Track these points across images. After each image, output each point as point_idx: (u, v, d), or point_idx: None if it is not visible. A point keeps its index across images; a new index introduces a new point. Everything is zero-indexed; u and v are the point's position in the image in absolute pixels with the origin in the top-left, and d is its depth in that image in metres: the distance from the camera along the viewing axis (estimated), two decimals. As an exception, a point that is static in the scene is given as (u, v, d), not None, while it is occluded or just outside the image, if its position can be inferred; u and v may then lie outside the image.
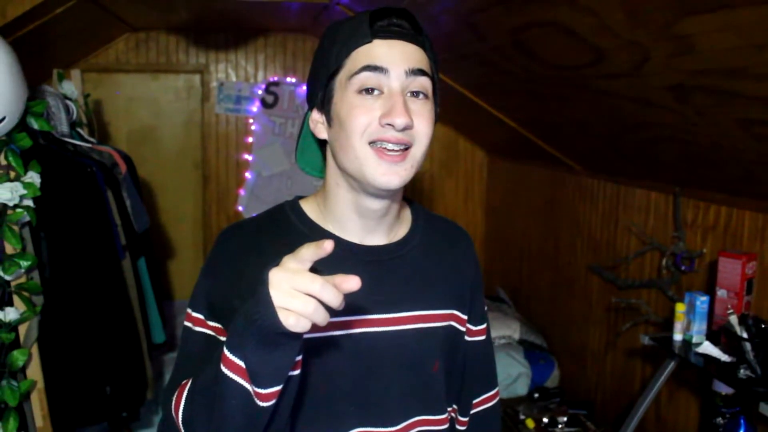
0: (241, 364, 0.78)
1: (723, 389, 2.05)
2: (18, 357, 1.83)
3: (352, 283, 0.75)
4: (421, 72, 0.94)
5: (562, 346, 3.61)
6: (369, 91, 0.93)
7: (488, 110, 3.41)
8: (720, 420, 2.07)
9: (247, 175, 4.50)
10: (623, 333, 2.86)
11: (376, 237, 1.04)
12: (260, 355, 0.77)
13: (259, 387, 0.78)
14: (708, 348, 2.00)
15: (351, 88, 0.93)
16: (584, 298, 3.33)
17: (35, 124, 2.04)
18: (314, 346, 0.96)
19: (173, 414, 0.91)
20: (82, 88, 2.90)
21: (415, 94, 0.95)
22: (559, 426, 2.94)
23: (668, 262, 2.54)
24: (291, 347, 0.78)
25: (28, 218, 1.89)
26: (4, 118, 1.81)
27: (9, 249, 1.86)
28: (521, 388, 3.46)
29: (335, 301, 0.74)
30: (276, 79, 4.45)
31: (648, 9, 1.53)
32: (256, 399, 0.80)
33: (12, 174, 1.88)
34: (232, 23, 4.08)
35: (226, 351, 0.79)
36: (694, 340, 2.11)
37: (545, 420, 2.97)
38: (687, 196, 2.50)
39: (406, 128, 0.92)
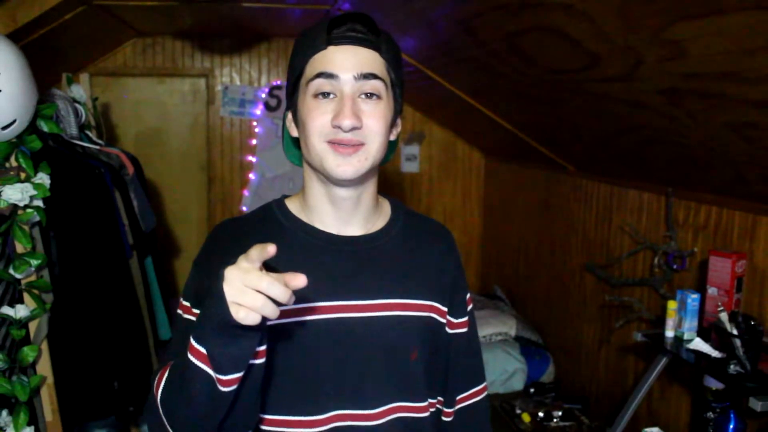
0: (204, 351, 0.83)
1: (713, 384, 2.05)
2: (28, 353, 1.83)
3: (299, 280, 0.79)
4: (372, 75, 0.99)
5: (557, 343, 3.61)
6: (324, 95, 0.99)
7: (486, 113, 3.40)
8: (711, 414, 2.07)
9: (251, 176, 4.50)
10: (617, 330, 2.86)
11: (353, 228, 1.08)
12: (220, 345, 0.82)
13: (219, 374, 0.83)
14: (699, 344, 2.00)
15: (308, 93, 1.00)
16: (579, 295, 3.33)
17: (45, 127, 2.03)
18: (292, 330, 1.00)
19: (154, 393, 0.94)
20: (91, 91, 2.89)
21: (368, 95, 0.99)
22: (554, 420, 2.94)
23: (660, 260, 2.54)
24: (249, 338, 0.82)
25: (38, 218, 1.89)
26: (14, 121, 1.81)
27: (20, 248, 1.86)
28: (518, 384, 3.46)
29: (283, 296, 0.77)
30: (279, 82, 4.45)
31: (641, 14, 1.53)
32: (218, 384, 0.84)
33: (23, 175, 1.87)
34: (236, 29, 4.08)
35: (191, 339, 0.85)
36: (686, 336, 2.11)
37: (541, 414, 2.97)
38: (678, 196, 2.50)
39: (354, 128, 0.97)
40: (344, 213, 1.07)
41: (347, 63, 0.98)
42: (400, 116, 1.10)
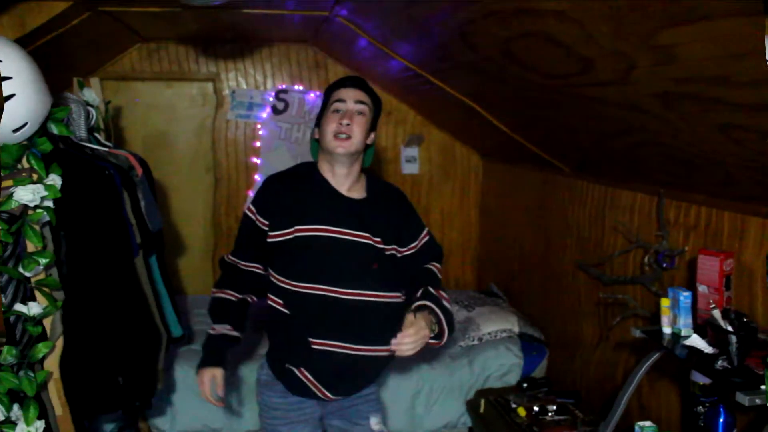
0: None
1: (700, 379, 2.05)
2: (41, 349, 1.83)
3: (218, 405, 2.00)
4: (361, 102, 1.95)
5: (550, 339, 3.61)
6: (337, 110, 1.93)
7: (483, 116, 3.41)
8: (700, 408, 2.07)
9: (257, 177, 4.50)
10: (614, 326, 2.85)
11: (345, 188, 1.98)
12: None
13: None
14: (696, 341, 1.99)
15: (330, 110, 1.95)
16: (573, 293, 3.33)
17: (55, 129, 2.04)
18: (316, 238, 1.90)
19: (214, 288, 2.08)
20: (103, 95, 2.90)
21: (359, 113, 1.93)
22: (549, 414, 2.94)
23: (650, 259, 2.54)
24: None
25: (47, 218, 1.90)
26: (26, 124, 1.81)
27: (30, 247, 1.87)
28: (513, 379, 3.46)
29: (215, 404, 1.98)
30: (284, 86, 4.46)
31: (632, 21, 1.53)
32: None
33: (34, 176, 1.88)
34: (238, 34, 4.08)
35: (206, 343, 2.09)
36: (683, 333, 2.09)
37: (536, 408, 2.97)
38: (670, 197, 2.50)
39: (348, 125, 1.90)
40: (341, 178, 1.97)
41: (350, 95, 1.95)
42: (374, 132, 2.01)
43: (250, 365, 3.29)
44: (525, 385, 3.24)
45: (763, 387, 1.67)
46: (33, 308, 1.84)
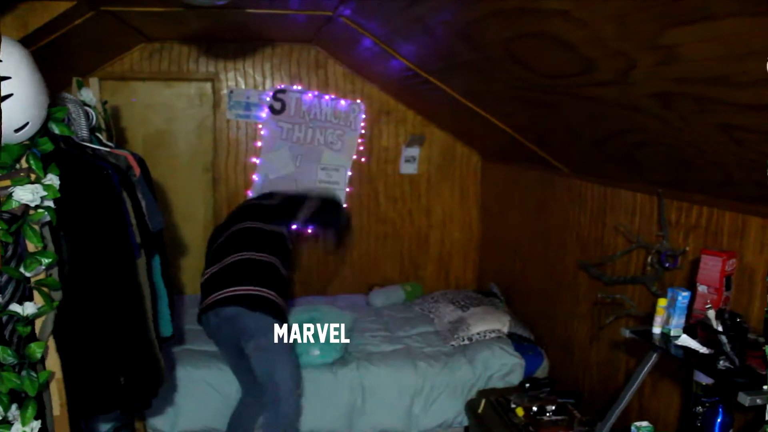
0: None
1: (703, 379, 2.04)
2: (35, 349, 1.82)
3: None
4: None
5: (551, 339, 3.60)
6: None
7: (484, 116, 3.39)
8: (700, 408, 2.06)
9: (255, 177, 4.49)
10: (607, 326, 2.85)
11: None
12: None
13: None
14: (686, 340, 1.99)
15: None
16: (572, 293, 3.32)
17: (56, 129, 2.02)
18: None
19: None
20: (100, 95, 2.88)
21: None
22: (547, 414, 2.93)
23: (653, 259, 2.53)
24: None
25: (48, 218, 1.88)
26: (27, 124, 1.80)
27: (31, 247, 1.85)
28: (516, 379, 3.45)
29: None
30: (283, 86, 4.44)
31: (636, 20, 1.52)
32: None
33: (32, 176, 1.86)
34: (241, 34, 4.07)
35: None
36: (672, 333, 2.08)
37: (534, 408, 2.96)
38: (671, 197, 2.49)
39: None
40: None
41: None
42: None
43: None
44: (527, 385, 3.22)
45: (765, 387, 1.66)
46: (28, 308, 1.82)
